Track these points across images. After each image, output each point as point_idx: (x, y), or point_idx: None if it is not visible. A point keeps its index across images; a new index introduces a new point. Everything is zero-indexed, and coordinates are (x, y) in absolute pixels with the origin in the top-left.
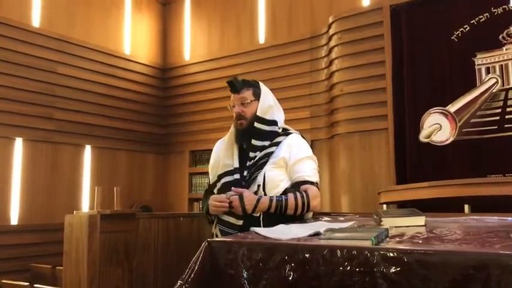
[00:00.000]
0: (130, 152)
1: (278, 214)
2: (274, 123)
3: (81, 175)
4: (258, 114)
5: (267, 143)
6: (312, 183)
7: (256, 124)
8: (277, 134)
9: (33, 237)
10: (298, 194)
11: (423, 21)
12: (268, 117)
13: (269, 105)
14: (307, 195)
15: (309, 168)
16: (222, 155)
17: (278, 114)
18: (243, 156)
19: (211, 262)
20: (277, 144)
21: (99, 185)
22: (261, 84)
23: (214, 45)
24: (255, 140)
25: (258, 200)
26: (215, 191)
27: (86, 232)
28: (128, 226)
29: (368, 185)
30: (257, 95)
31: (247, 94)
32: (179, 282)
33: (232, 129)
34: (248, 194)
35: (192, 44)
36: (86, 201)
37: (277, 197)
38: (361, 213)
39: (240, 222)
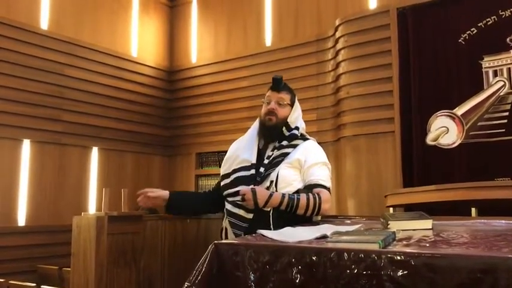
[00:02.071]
0: (137, 154)
1: (288, 212)
2: (296, 128)
3: (88, 177)
4: (288, 121)
5: (284, 143)
6: (324, 187)
7: (284, 129)
8: (295, 137)
9: (40, 238)
10: (310, 195)
11: (430, 24)
12: (293, 125)
13: (298, 115)
14: (320, 198)
15: (323, 173)
16: (241, 151)
17: (301, 122)
18: (260, 154)
19: (218, 264)
20: (294, 146)
21: (105, 187)
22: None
23: (221, 47)
24: (278, 142)
25: (271, 195)
26: (223, 182)
27: (94, 234)
28: (135, 228)
29: (374, 188)
30: (292, 102)
31: (286, 97)
32: (186, 284)
33: (256, 124)
34: (260, 189)
35: (199, 46)
36: (92, 203)
37: (289, 194)
38: (367, 216)
39: (250, 216)
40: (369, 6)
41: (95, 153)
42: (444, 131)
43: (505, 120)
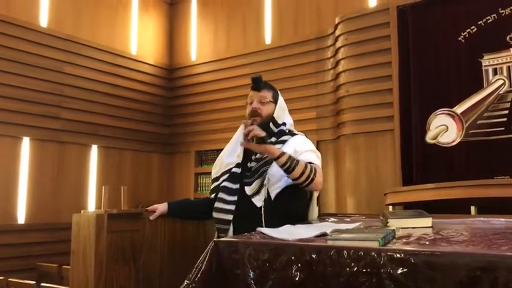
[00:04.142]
0: (136, 152)
1: (285, 170)
2: (283, 124)
3: (87, 174)
4: (274, 116)
5: (273, 140)
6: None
7: (271, 125)
8: (283, 133)
9: (40, 236)
10: (308, 164)
11: (430, 22)
12: (280, 121)
13: (283, 110)
14: (315, 170)
15: (313, 158)
16: (227, 154)
17: (287, 118)
18: (247, 153)
19: (218, 262)
20: (283, 142)
21: (105, 185)
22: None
23: (221, 45)
24: (267, 139)
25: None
26: (214, 185)
27: (93, 231)
28: (135, 225)
29: (374, 186)
30: (275, 99)
31: (268, 94)
32: (186, 281)
33: (242, 127)
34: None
35: (199, 44)
36: (92, 201)
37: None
38: (367, 214)
39: (233, 207)
40: (369, 4)
41: (94, 151)
42: (444, 129)
43: (505, 119)
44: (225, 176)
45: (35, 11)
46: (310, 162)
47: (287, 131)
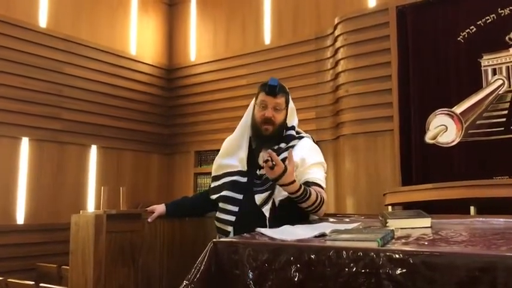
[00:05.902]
0: (135, 152)
1: (295, 202)
2: (292, 128)
3: (86, 175)
4: (286, 121)
5: (283, 145)
6: (323, 188)
7: (283, 131)
8: (293, 138)
9: (39, 236)
10: (319, 194)
11: (429, 23)
12: (289, 124)
13: (293, 113)
14: (323, 200)
15: (320, 174)
16: (227, 155)
17: (295, 120)
18: (254, 155)
19: (217, 262)
20: (292, 147)
21: (104, 185)
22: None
23: (220, 46)
24: (276, 145)
25: (293, 182)
26: (213, 184)
27: (92, 232)
28: (134, 226)
29: (373, 187)
30: (287, 103)
31: (282, 101)
32: (185, 282)
33: (246, 122)
34: (289, 173)
35: (198, 44)
36: (91, 201)
37: (304, 186)
38: (366, 215)
39: (236, 209)
40: (368, 4)
41: (93, 151)
42: (443, 129)
43: (504, 119)
44: (226, 180)
45: (34, 12)
46: (315, 183)
47: (295, 134)
